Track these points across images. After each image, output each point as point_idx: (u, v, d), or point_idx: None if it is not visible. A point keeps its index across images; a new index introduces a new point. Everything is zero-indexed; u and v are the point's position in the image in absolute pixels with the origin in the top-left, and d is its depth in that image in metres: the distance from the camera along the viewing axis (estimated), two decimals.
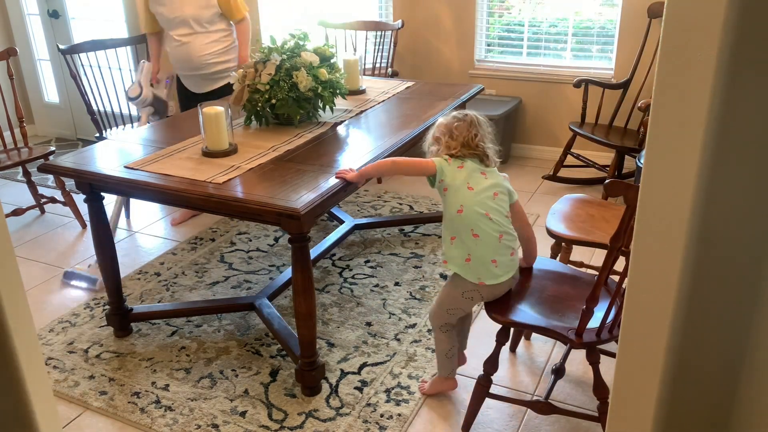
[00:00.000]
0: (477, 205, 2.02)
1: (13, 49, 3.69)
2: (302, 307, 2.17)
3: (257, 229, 3.60)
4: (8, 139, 4.06)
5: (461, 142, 2.11)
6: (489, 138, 2.18)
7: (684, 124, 0.94)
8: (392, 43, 4.25)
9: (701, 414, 1.13)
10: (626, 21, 3.94)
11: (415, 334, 2.62)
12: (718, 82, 0.90)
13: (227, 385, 2.37)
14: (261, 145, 2.49)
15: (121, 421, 2.23)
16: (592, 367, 1.95)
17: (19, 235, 3.64)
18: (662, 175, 0.97)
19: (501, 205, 2.05)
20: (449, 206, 2.07)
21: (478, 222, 2.01)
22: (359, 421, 2.18)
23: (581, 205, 2.60)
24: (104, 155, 2.47)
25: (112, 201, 3.81)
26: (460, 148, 2.11)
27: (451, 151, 2.11)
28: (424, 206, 3.80)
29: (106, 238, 2.55)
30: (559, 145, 4.27)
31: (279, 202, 2.00)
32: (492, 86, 4.43)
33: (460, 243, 2.04)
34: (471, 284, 2.04)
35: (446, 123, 2.17)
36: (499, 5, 4.42)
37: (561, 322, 1.91)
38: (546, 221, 2.45)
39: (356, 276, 3.07)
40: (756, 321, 1.03)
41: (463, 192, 2.05)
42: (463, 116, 2.17)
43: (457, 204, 2.04)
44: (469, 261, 2.03)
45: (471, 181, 2.06)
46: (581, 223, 2.46)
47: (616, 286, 1.85)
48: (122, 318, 2.65)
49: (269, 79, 2.52)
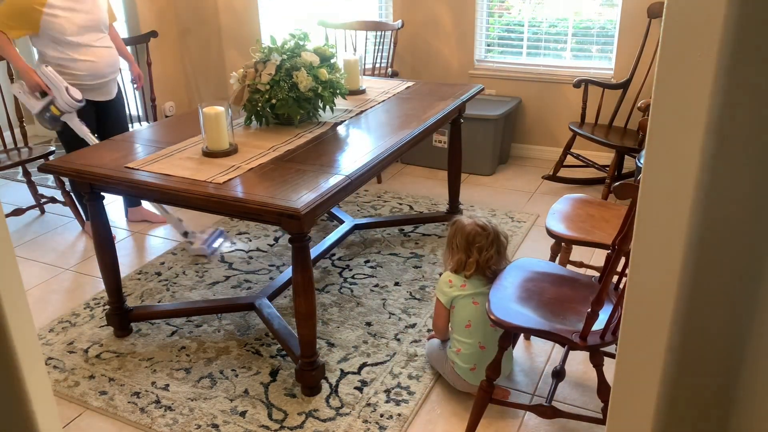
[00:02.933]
0: (485, 322, 2.11)
1: None
2: (302, 307, 2.17)
3: (257, 229, 3.60)
4: (8, 139, 4.06)
5: (475, 264, 2.19)
6: (504, 253, 2.27)
7: (684, 124, 0.94)
8: (392, 43, 4.25)
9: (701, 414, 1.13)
10: (626, 21, 3.94)
11: (415, 334, 2.62)
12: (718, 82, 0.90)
13: (227, 385, 2.37)
14: (261, 145, 2.49)
15: (121, 421, 2.23)
16: (596, 370, 1.94)
17: (19, 235, 3.64)
18: (662, 175, 0.97)
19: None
20: (458, 319, 2.21)
21: (486, 334, 2.15)
22: (359, 421, 2.18)
23: (581, 205, 2.60)
24: (104, 155, 2.47)
25: (112, 200, 3.81)
26: (473, 270, 2.19)
27: (462, 270, 2.20)
28: (424, 206, 3.80)
29: (106, 238, 2.55)
30: (559, 145, 4.27)
31: (279, 202, 2.00)
32: (492, 86, 4.43)
33: (469, 353, 2.19)
34: (463, 383, 2.23)
35: (467, 233, 2.22)
36: (499, 5, 4.42)
37: (563, 325, 1.90)
38: (546, 221, 2.45)
39: (356, 276, 3.07)
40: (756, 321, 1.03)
41: (469, 308, 2.18)
42: (484, 229, 2.22)
43: (464, 320, 2.18)
44: (474, 370, 2.20)
45: (476, 297, 2.18)
46: (581, 223, 2.46)
47: (620, 288, 1.84)
48: (122, 318, 2.65)
49: (269, 79, 2.52)
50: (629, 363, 1.12)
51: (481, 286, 2.17)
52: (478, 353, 2.16)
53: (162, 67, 4.59)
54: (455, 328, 2.21)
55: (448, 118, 3.00)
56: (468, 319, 2.16)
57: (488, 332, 2.13)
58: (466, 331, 2.16)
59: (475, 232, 2.20)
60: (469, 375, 2.20)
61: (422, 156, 4.38)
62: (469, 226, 2.22)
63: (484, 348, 2.15)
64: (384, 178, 4.24)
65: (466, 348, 2.18)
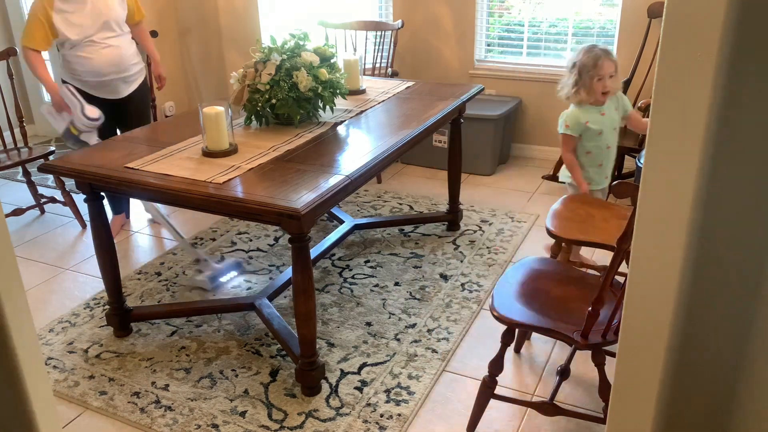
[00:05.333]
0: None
1: (13, 49, 3.69)
2: (302, 307, 2.17)
3: (257, 229, 3.60)
4: (8, 139, 4.06)
5: (587, 93, 2.75)
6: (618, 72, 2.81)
7: (684, 124, 0.94)
8: (392, 43, 4.25)
9: (701, 414, 1.13)
10: (626, 21, 3.94)
11: (415, 334, 2.62)
12: (718, 81, 0.90)
13: (227, 385, 2.37)
14: (261, 145, 2.49)
15: (121, 421, 2.23)
16: (598, 369, 1.94)
17: (19, 235, 3.64)
18: (662, 175, 0.97)
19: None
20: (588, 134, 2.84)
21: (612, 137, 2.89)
22: (359, 421, 2.18)
23: (581, 205, 2.60)
24: (104, 155, 2.47)
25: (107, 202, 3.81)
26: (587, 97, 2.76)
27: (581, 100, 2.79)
28: (424, 206, 3.80)
29: (106, 238, 2.55)
30: (559, 145, 4.26)
31: (279, 202, 2.00)
32: (492, 86, 4.43)
33: (596, 152, 2.88)
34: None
35: (588, 61, 2.74)
36: (499, 5, 4.42)
37: (566, 324, 1.90)
38: (546, 221, 2.45)
39: (356, 276, 3.07)
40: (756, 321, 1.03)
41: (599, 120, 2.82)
42: (598, 53, 2.73)
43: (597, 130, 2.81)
44: (601, 166, 2.93)
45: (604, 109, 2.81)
46: (581, 223, 2.46)
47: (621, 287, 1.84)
48: (122, 318, 2.65)
49: (269, 79, 2.52)
50: (629, 363, 1.12)
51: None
52: (606, 152, 2.85)
53: (162, 67, 4.58)
54: (585, 138, 2.80)
55: (448, 118, 3.00)
56: (600, 129, 2.78)
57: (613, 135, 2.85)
58: (598, 137, 2.81)
59: (592, 56, 2.73)
60: (596, 171, 2.85)
61: (422, 156, 4.38)
62: (589, 54, 2.73)
63: (609, 148, 2.84)
64: (384, 178, 4.24)
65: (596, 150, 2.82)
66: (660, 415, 1.12)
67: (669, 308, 1.04)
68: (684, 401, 1.11)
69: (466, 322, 2.69)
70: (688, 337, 1.06)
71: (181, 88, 4.88)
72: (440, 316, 2.74)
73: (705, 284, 1.03)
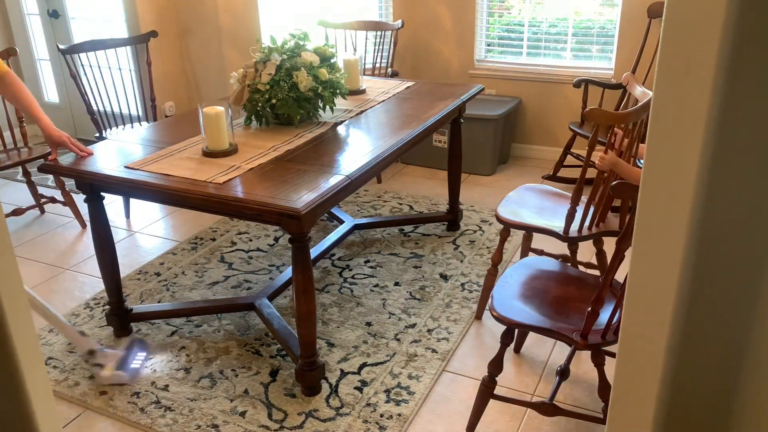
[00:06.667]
0: None
1: (13, 49, 3.69)
2: (302, 307, 2.17)
3: (257, 229, 3.60)
4: (8, 139, 4.06)
5: None
6: None
7: (684, 124, 0.94)
8: (392, 43, 4.25)
9: (701, 414, 1.13)
10: (626, 21, 3.94)
11: (415, 334, 2.62)
12: (718, 82, 0.90)
13: (227, 385, 2.37)
14: (261, 145, 2.49)
15: (121, 421, 2.23)
16: (597, 369, 1.95)
17: (19, 235, 3.64)
18: (662, 175, 0.97)
19: None
20: None
21: None
22: (359, 421, 2.18)
23: (539, 194, 2.70)
24: (104, 155, 2.47)
25: (112, 200, 3.81)
26: None
27: None
28: (424, 206, 3.80)
29: (106, 238, 2.55)
30: (558, 145, 4.27)
31: (279, 202, 2.00)
32: (492, 86, 4.43)
33: None
34: None
35: None
36: (499, 5, 4.42)
37: (566, 324, 1.90)
38: (498, 210, 2.53)
39: (356, 276, 3.07)
40: (756, 321, 1.03)
41: None
42: None
43: None
44: None
45: None
46: (538, 211, 2.56)
47: (621, 287, 1.85)
48: (122, 318, 2.65)
49: (269, 79, 2.52)
50: (629, 363, 1.12)
51: None
52: None
53: (162, 67, 4.59)
54: None
55: (448, 118, 3.00)
56: None
57: None
58: None
59: None
60: None
61: (422, 156, 4.38)
62: None
63: None
64: (384, 178, 4.24)
65: None
66: (660, 416, 1.12)
67: (669, 308, 1.04)
68: (684, 401, 1.11)
69: (466, 322, 2.69)
70: (688, 337, 1.06)
71: (181, 88, 4.88)
72: (440, 316, 2.74)
73: (705, 284, 1.03)
